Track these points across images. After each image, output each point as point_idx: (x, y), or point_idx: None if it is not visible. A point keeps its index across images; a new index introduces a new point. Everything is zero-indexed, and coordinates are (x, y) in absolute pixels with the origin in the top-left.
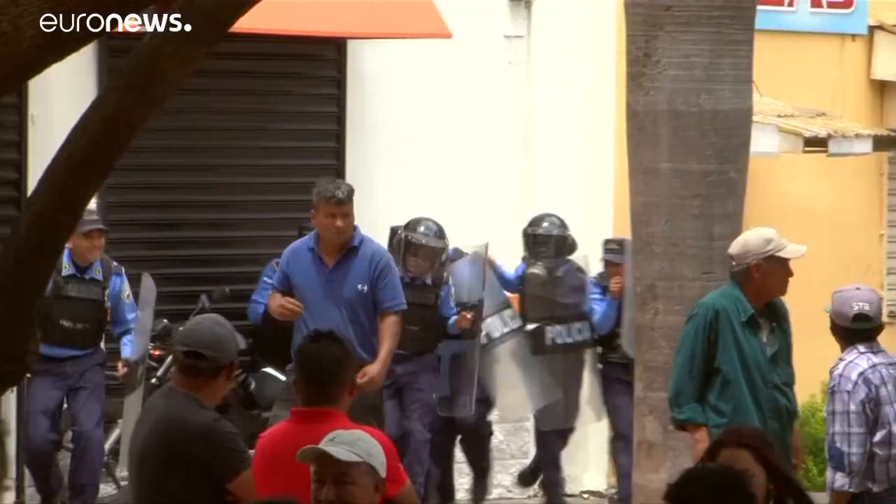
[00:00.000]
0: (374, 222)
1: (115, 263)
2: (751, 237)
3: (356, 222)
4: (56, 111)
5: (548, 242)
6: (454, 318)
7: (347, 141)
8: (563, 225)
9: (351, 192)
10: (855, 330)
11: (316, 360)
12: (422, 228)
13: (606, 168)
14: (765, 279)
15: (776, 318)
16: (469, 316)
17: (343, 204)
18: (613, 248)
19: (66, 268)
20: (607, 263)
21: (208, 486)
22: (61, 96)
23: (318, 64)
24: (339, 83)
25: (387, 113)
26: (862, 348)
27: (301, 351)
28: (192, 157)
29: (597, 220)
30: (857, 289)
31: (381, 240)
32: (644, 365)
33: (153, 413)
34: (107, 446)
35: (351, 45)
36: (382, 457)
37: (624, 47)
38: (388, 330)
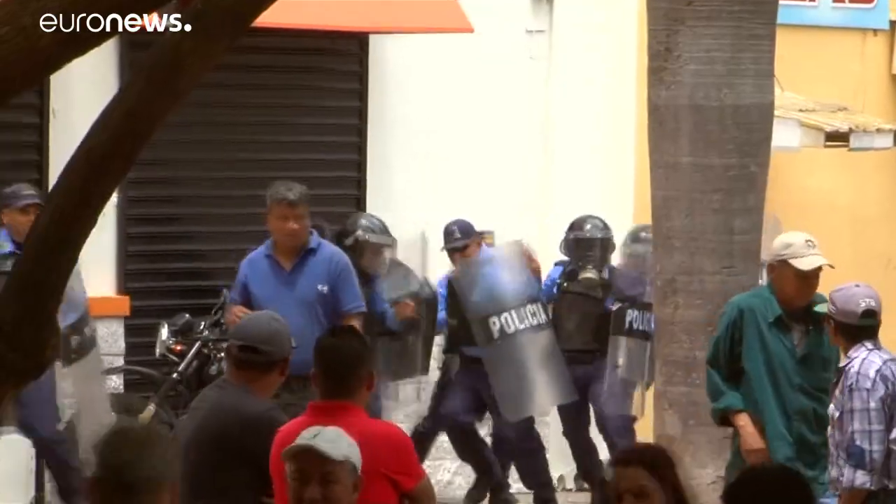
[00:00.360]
0: (394, 216)
1: None
2: (780, 237)
3: (378, 212)
4: (77, 105)
5: (594, 246)
6: (391, 311)
7: (369, 135)
8: (605, 227)
9: (304, 194)
10: (862, 327)
11: (334, 353)
12: (364, 222)
13: (626, 164)
14: (777, 282)
15: (814, 322)
16: (411, 303)
17: (295, 206)
18: None
19: (3, 246)
20: None
21: (254, 477)
22: (82, 90)
23: (340, 58)
24: (361, 78)
25: (408, 107)
26: (869, 345)
27: (320, 344)
28: (214, 152)
29: (616, 216)
30: (857, 286)
31: (399, 234)
32: (664, 359)
33: (205, 404)
34: None
35: (373, 39)
36: (360, 454)
37: (645, 43)
38: None
